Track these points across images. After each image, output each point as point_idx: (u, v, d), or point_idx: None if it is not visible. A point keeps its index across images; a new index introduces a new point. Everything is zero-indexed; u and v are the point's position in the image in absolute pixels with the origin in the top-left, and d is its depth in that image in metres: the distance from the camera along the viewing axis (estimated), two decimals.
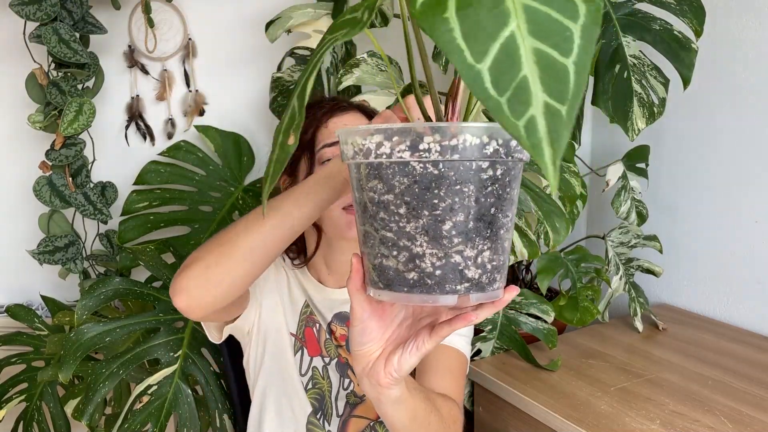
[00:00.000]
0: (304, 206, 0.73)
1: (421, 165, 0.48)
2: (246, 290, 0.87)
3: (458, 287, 0.50)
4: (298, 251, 1.01)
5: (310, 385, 0.94)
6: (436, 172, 0.48)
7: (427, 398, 0.71)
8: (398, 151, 0.47)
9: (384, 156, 0.48)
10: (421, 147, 0.47)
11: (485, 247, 0.50)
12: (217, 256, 0.73)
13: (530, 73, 0.30)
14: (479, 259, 0.50)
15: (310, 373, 0.95)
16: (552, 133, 0.29)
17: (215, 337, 0.95)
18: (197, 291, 0.73)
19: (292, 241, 0.76)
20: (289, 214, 0.73)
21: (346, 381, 0.95)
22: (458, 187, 0.48)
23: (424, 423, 0.69)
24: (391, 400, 0.61)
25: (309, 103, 1.01)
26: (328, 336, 0.96)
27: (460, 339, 0.92)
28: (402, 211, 0.49)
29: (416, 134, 0.47)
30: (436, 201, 0.48)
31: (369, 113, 0.99)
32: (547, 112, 0.30)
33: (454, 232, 0.49)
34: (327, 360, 0.96)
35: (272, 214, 0.73)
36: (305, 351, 0.96)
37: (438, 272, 0.49)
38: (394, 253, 0.49)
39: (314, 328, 0.96)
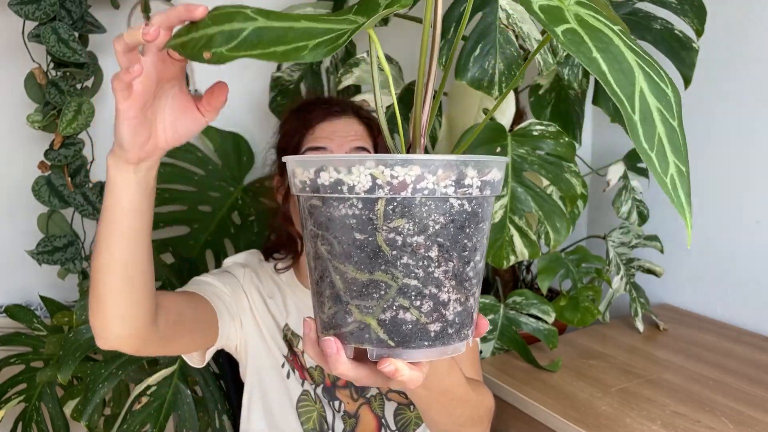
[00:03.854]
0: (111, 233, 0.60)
1: (459, 202, 0.43)
2: (199, 310, 0.82)
3: (469, 331, 0.47)
4: (287, 251, 0.98)
5: (303, 409, 0.91)
6: (469, 209, 0.44)
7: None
8: (444, 187, 0.42)
9: (426, 191, 0.41)
10: (465, 182, 0.42)
11: (477, 288, 0.48)
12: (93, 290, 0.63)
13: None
14: (476, 300, 0.48)
15: (302, 395, 0.92)
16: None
17: (196, 361, 0.87)
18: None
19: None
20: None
21: (336, 403, 0.92)
22: (482, 224, 0.45)
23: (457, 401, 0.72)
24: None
25: (301, 104, 0.98)
26: (313, 365, 0.92)
27: None
28: (433, 254, 0.43)
29: (459, 168, 0.42)
30: (466, 241, 0.44)
31: (365, 117, 0.94)
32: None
33: (471, 274, 0.45)
34: (313, 387, 0.92)
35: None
36: (296, 373, 0.93)
37: (457, 319, 0.45)
38: (417, 303, 0.43)
39: (298, 356, 0.93)
